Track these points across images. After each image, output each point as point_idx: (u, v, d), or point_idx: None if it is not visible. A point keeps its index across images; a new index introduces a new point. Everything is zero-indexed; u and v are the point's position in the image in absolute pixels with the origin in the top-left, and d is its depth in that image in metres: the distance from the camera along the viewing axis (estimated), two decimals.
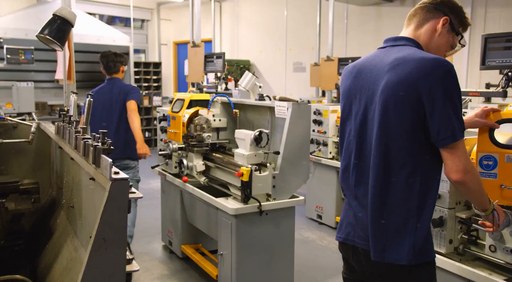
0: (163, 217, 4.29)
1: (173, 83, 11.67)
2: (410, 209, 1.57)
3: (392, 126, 1.57)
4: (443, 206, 2.07)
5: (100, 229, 1.25)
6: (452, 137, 1.50)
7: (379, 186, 1.60)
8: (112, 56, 4.07)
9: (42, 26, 2.14)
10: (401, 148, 1.56)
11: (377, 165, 1.60)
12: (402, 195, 1.57)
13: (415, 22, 1.74)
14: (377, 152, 1.60)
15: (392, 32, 1.90)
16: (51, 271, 2.10)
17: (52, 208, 2.70)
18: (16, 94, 5.09)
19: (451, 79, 1.52)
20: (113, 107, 3.97)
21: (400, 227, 1.58)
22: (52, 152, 2.83)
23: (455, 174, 1.51)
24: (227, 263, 3.08)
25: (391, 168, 1.58)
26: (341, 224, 1.81)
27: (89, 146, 1.50)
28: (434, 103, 1.50)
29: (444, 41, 1.72)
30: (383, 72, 1.62)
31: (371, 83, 1.66)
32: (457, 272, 2.01)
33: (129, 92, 3.99)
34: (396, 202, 1.58)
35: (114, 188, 1.25)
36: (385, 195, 1.59)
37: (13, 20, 7.42)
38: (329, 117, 4.68)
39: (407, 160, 1.56)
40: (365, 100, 1.68)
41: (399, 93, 1.54)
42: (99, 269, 1.27)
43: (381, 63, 1.66)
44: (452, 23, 1.70)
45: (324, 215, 4.93)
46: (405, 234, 1.57)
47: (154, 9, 11.27)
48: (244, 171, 2.86)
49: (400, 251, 1.56)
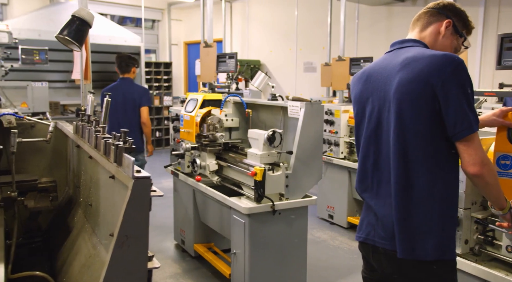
0: (175, 216, 4.32)
1: (184, 83, 11.73)
2: (435, 205, 1.59)
3: (408, 124, 1.59)
4: (459, 206, 2.06)
5: (123, 226, 1.27)
6: (469, 129, 1.53)
7: (401, 184, 1.61)
8: (126, 58, 4.63)
9: (61, 27, 2.17)
10: (419, 145, 1.58)
11: (397, 164, 1.62)
12: (425, 192, 1.59)
13: (419, 26, 1.80)
14: (395, 150, 1.62)
15: (403, 32, 1.92)
16: (70, 268, 2.13)
17: (68, 206, 2.73)
18: (31, 94, 5.16)
19: (462, 73, 1.55)
20: (126, 105, 4.49)
21: (426, 224, 1.59)
22: (68, 150, 2.87)
23: (472, 167, 1.53)
24: (240, 262, 3.09)
25: (411, 166, 1.60)
26: (361, 224, 1.83)
27: (110, 144, 1.52)
28: (448, 97, 1.53)
29: (448, 43, 1.77)
30: (394, 72, 1.65)
31: (382, 85, 1.70)
32: (473, 273, 2.01)
33: (142, 95, 4.57)
34: (420, 199, 1.59)
35: (136, 186, 1.27)
36: (408, 193, 1.61)
37: (27, 21, 7.52)
38: (341, 117, 4.67)
39: (426, 156, 1.58)
40: (378, 102, 1.71)
41: (412, 90, 1.57)
42: (122, 266, 1.29)
43: (391, 64, 1.69)
44: (456, 25, 1.76)
45: (336, 215, 4.93)
46: (431, 231, 1.58)
47: (164, 10, 11.34)
48: (258, 171, 2.87)
49: (427, 248, 1.58)
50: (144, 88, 4.83)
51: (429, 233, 1.59)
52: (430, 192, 1.59)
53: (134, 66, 4.61)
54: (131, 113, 4.54)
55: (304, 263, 3.22)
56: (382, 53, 1.85)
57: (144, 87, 5.02)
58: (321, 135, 3.24)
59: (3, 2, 8.78)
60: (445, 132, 1.56)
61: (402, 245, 1.61)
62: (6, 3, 8.83)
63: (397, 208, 1.62)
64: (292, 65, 8.76)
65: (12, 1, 8.88)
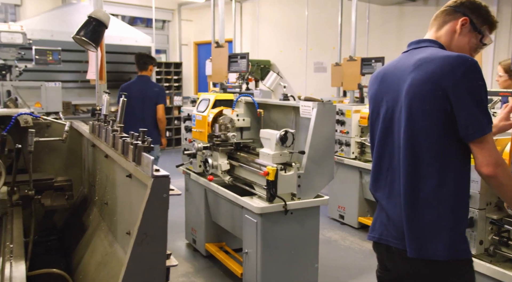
0: (187, 215, 4.34)
1: (194, 83, 11.78)
2: (444, 205, 1.59)
3: (419, 125, 1.59)
4: (474, 207, 2.06)
5: (142, 224, 1.29)
6: (480, 131, 1.52)
7: (411, 184, 1.61)
8: (144, 56, 5.11)
9: (78, 28, 2.20)
10: (429, 145, 1.58)
11: (407, 164, 1.62)
12: (435, 192, 1.59)
13: (436, 25, 1.79)
14: (406, 151, 1.63)
15: (414, 32, 1.94)
16: (86, 266, 2.16)
17: (83, 204, 2.77)
18: (44, 94, 5.23)
19: (475, 75, 1.54)
20: (144, 102, 4.93)
21: (435, 224, 1.59)
22: (83, 150, 2.90)
23: (486, 167, 1.53)
24: (252, 261, 3.11)
25: (421, 166, 1.60)
26: (374, 224, 1.83)
27: (128, 144, 1.54)
28: (460, 99, 1.52)
29: (465, 41, 1.75)
30: (407, 73, 1.65)
31: (395, 85, 1.70)
32: (488, 273, 2.00)
33: (159, 94, 5.03)
34: (429, 199, 1.59)
35: (155, 184, 1.29)
36: (417, 193, 1.61)
37: (39, 21, 7.61)
38: (352, 117, 4.66)
39: (436, 157, 1.58)
40: (391, 102, 1.72)
41: (424, 91, 1.57)
42: (141, 263, 1.31)
43: (405, 65, 1.70)
44: (473, 22, 1.73)
45: (346, 215, 4.93)
46: (441, 230, 1.58)
47: (175, 10, 11.39)
48: (270, 170, 2.88)
49: (437, 247, 1.58)
50: (160, 87, 5.27)
51: (439, 233, 1.58)
52: (440, 192, 1.59)
53: (151, 65, 5.04)
54: (148, 108, 4.99)
55: (315, 263, 3.22)
56: (393, 53, 1.86)
57: (160, 86, 5.40)
58: (333, 135, 3.24)
59: (16, 3, 8.89)
60: (456, 134, 1.56)
61: (411, 244, 1.61)
62: (19, 4, 8.94)
63: (406, 207, 1.63)
64: (302, 65, 8.76)
65: (25, 2, 8.99)
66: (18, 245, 1.68)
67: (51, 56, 5.55)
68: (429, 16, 1.86)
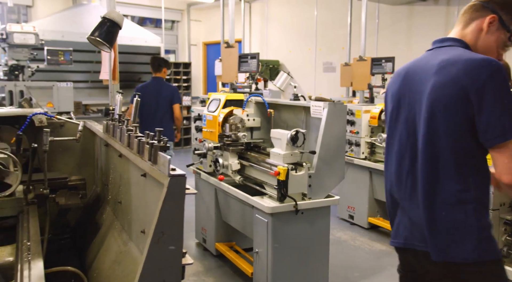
0: (197, 215, 4.36)
1: (202, 83, 11.82)
2: (468, 207, 1.55)
3: (440, 128, 1.56)
4: None
5: (159, 223, 1.31)
6: (501, 137, 1.48)
7: (432, 187, 1.59)
8: (158, 59, 5.47)
9: (92, 29, 2.23)
10: (450, 149, 1.56)
11: (427, 168, 1.60)
12: (458, 194, 1.56)
13: (463, 22, 1.73)
14: (425, 154, 1.60)
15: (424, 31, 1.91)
16: (100, 264, 2.19)
17: (96, 203, 2.80)
18: (56, 94, 5.28)
19: (499, 78, 1.50)
20: (158, 102, 5.23)
21: (460, 226, 1.56)
22: (96, 149, 2.93)
23: (505, 176, 1.49)
24: (262, 261, 3.12)
25: (442, 169, 1.57)
26: (396, 229, 1.78)
27: (144, 143, 1.56)
28: (482, 103, 1.49)
29: (492, 39, 1.68)
30: (430, 74, 1.62)
31: (417, 85, 1.67)
32: None
33: (173, 94, 5.36)
34: (452, 202, 1.57)
35: (172, 183, 1.30)
36: (438, 196, 1.58)
37: (51, 22, 7.68)
38: (362, 117, 4.65)
39: (457, 161, 1.56)
40: (414, 103, 1.68)
41: (446, 95, 1.54)
42: (158, 261, 1.33)
43: (428, 65, 1.66)
44: (502, 20, 1.65)
45: (356, 215, 4.92)
46: (467, 231, 1.55)
47: (184, 10, 11.44)
48: (281, 170, 2.89)
49: (464, 249, 1.55)
50: (174, 87, 5.58)
51: (466, 235, 1.55)
52: (464, 194, 1.55)
53: (165, 67, 5.39)
54: (162, 108, 5.28)
55: (326, 262, 3.22)
56: (403, 53, 1.83)
57: (174, 86, 5.70)
58: (344, 135, 3.24)
59: (28, 4, 8.99)
60: (478, 139, 1.53)
61: (435, 248, 1.59)
62: (31, 5, 9.03)
63: (427, 211, 1.60)
64: (311, 65, 8.75)
65: (36, 3, 9.08)
66: (35, 242, 1.71)
67: (62, 56, 5.61)
68: (440, 15, 1.82)
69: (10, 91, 5.10)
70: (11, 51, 5.28)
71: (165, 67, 5.43)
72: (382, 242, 4.47)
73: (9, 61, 5.29)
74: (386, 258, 4.11)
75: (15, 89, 5.10)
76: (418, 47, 6.83)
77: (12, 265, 1.72)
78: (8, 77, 5.31)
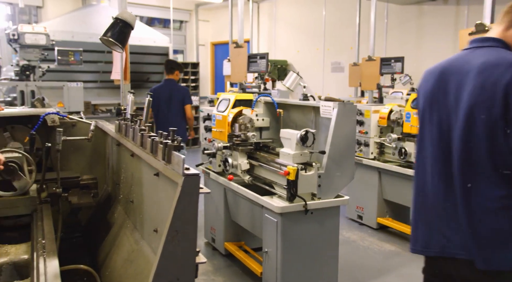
0: (206, 215, 4.38)
1: (211, 83, 11.85)
2: (509, 213, 1.50)
3: (479, 131, 1.51)
4: None
5: (173, 222, 1.32)
6: None
7: (471, 193, 1.54)
8: (171, 62, 5.74)
9: (105, 29, 2.25)
10: (489, 153, 1.51)
11: (466, 174, 1.54)
12: (500, 201, 1.51)
13: (506, 22, 1.64)
14: (463, 157, 1.55)
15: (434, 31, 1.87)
16: (112, 263, 2.20)
17: (108, 203, 2.82)
18: (67, 94, 5.34)
19: None
20: (172, 103, 5.41)
21: (504, 233, 1.51)
22: (107, 149, 2.95)
23: None
24: (272, 261, 3.12)
25: (482, 175, 1.52)
26: (429, 237, 1.70)
27: (157, 143, 1.57)
28: None
29: None
30: (470, 76, 1.55)
31: (455, 86, 1.61)
32: None
33: (185, 95, 5.54)
34: (494, 209, 1.52)
35: (186, 182, 1.32)
36: (478, 201, 1.53)
37: (60, 23, 7.76)
38: (371, 117, 4.64)
39: (496, 165, 1.51)
40: (448, 105, 1.62)
41: (486, 99, 1.49)
42: (172, 260, 1.34)
43: (467, 66, 1.59)
44: None
45: (365, 215, 4.90)
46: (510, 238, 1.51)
47: (192, 11, 11.48)
48: (291, 170, 2.89)
49: (511, 257, 1.50)
50: (186, 89, 5.77)
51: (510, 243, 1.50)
52: (506, 201, 1.50)
53: (177, 70, 5.59)
54: (174, 108, 5.46)
55: (335, 262, 3.22)
56: (412, 53, 1.78)
57: (186, 88, 5.93)
58: (354, 135, 3.24)
59: (38, 5, 9.07)
60: None
61: (480, 256, 1.53)
62: (41, 6, 9.11)
63: (468, 218, 1.55)
64: (319, 65, 8.74)
65: (46, 3, 9.16)
66: (50, 241, 1.73)
67: (72, 56, 5.66)
68: (449, 15, 1.77)
69: (21, 91, 5.15)
70: (23, 52, 5.34)
71: (178, 70, 5.63)
72: (391, 242, 4.45)
73: (21, 62, 5.34)
74: (395, 258, 4.10)
75: (27, 89, 5.16)
76: (428, 47, 6.81)
77: (27, 263, 1.75)
78: (20, 77, 5.37)
